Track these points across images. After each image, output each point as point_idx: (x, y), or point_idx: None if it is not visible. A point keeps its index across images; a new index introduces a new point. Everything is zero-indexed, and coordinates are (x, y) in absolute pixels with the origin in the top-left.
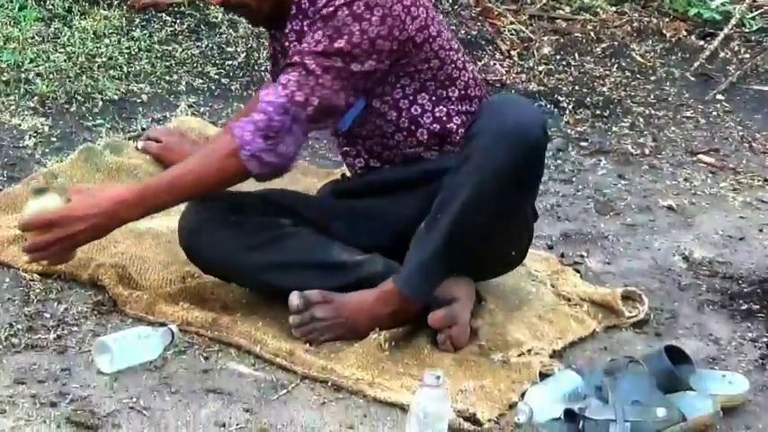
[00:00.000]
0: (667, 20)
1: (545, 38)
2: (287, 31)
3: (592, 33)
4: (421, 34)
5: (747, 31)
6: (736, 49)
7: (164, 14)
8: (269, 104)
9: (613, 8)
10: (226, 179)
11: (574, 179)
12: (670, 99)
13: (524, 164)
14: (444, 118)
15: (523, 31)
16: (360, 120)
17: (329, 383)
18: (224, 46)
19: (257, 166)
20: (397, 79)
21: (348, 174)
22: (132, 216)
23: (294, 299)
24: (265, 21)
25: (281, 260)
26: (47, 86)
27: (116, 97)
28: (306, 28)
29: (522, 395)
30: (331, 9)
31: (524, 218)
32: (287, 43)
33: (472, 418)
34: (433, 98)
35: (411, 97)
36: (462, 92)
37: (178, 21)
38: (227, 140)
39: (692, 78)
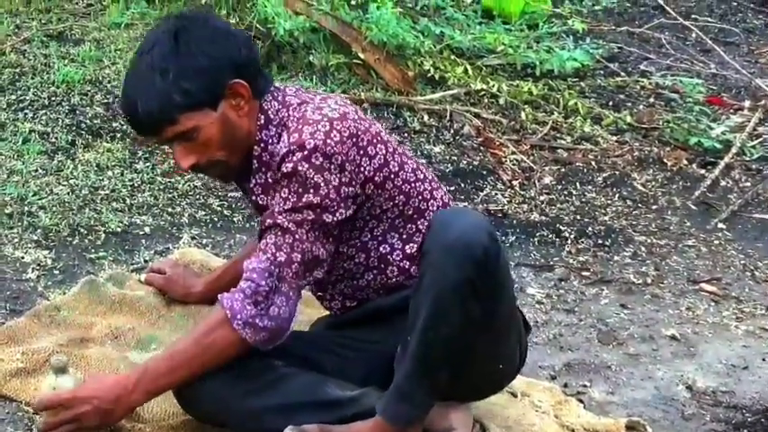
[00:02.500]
0: (668, 149)
1: (546, 167)
2: (251, 185)
3: (593, 163)
4: (381, 173)
5: (748, 159)
6: (737, 177)
7: (166, 147)
8: (253, 271)
9: (614, 138)
10: (224, 353)
11: (576, 309)
12: (671, 228)
13: (476, 275)
14: (415, 253)
15: (525, 161)
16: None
17: None
18: None
19: (252, 332)
20: (364, 223)
21: None
22: (137, 400)
23: None
24: (236, 175)
25: (278, 403)
26: (50, 219)
27: (119, 229)
28: (269, 179)
29: None
30: (291, 165)
31: (502, 328)
32: (253, 197)
33: None
34: (404, 236)
35: (380, 238)
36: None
37: None
38: (217, 314)
39: (694, 207)
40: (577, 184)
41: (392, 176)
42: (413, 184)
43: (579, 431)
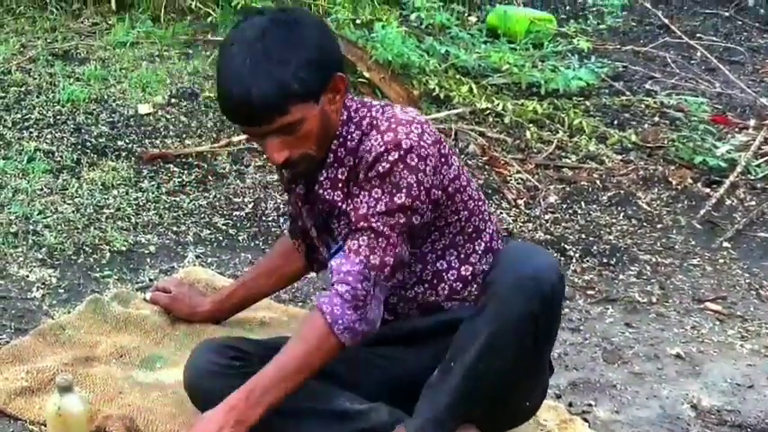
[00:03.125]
0: (673, 168)
1: (551, 186)
2: (321, 179)
3: (598, 182)
4: (454, 184)
5: (753, 178)
6: (742, 196)
7: (171, 165)
8: (348, 274)
9: (619, 157)
10: (327, 357)
11: (581, 328)
12: (676, 247)
13: (541, 313)
14: (469, 277)
15: (530, 180)
16: None
17: None
18: (231, 197)
19: (350, 337)
20: (428, 233)
21: None
22: (254, 416)
23: None
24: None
25: (288, 408)
26: (55, 238)
27: (124, 248)
28: (339, 176)
29: None
30: (387, 166)
31: (541, 370)
32: (321, 191)
33: None
34: (461, 255)
35: (439, 252)
36: (487, 244)
37: (186, 172)
38: (317, 319)
39: (699, 226)
40: (582, 203)
41: (461, 190)
42: (476, 203)
43: None
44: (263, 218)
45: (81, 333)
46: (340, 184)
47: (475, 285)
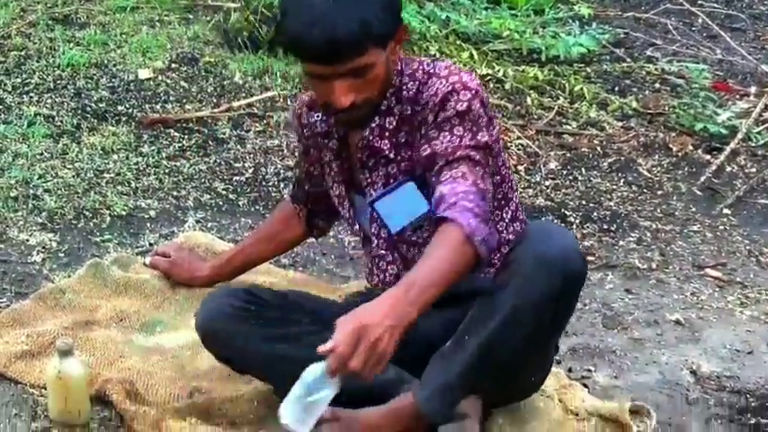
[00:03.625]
0: (674, 134)
1: (552, 153)
2: (373, 125)
3: (598, 148)
4: (496, 145)
5: (754, 145)
6: (743, 163)
7: (172, 130)
8: (467, 193)
9: (620, 123)
10: (466, 269)
11: (581, 293)
12: (677, 213)
13: (562, 294)
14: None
15: (530, 146)
16: (417, 225)
17: None
18: (232, 162)
19: (486, 250)
20: None
21: (368, 283)
22: (409, 317)
23: None
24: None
25: (299, 356)
26: (55, 202)
27: (124, 213)
28: (388, 125)
29: None
30: (465, 104)
31: (551, 348)
32: (370, 137)
33: None
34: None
35: None
36: (513, 213)
37: (186, 137)
38: (454, 231)
39: (699, 193)
40: (583, 169)
41: (499, 153)
42: (507, 170)
43: (583, 415)
44: (264, 183)
45: (81, 297)
46: (388, 133)
47: (498, 254)
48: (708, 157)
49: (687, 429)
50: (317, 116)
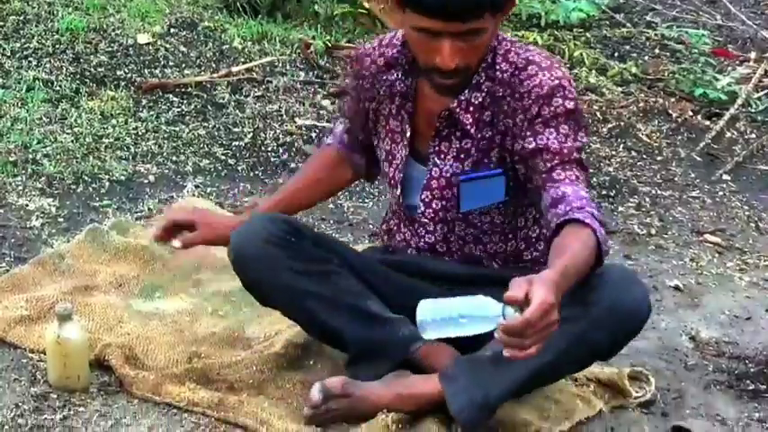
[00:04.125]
0: (673, 100)
1: None
2: (461, 98)
3: (598, 114)
4: None
5: (753, 111)
6: (742, 129)
7: (170, 95)
8: (588, 201)
9: (619, 89)
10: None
11: None
12: (676, 179)
13: (623, 341)
14: (533, 240)
15: None
16: (486, 210)
17: None
18: (231, 126)
19: (604, 254)
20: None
21: (383, 239)
22: (559, 296)
23: (316, 393)
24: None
25: (325, 293)
26: (54, 167)
27: (123, 178)
28: (474, 100)
29: None
30: (572, 104)
31: None
32: (458, 109)
33: None
34: (536, 216)
35: (522, 208)
36: None
37: (185, 101)
38: (591, 236)
39: (699, 158)
40: None
41: None
42: None
43: (582, 381)
44: (263, 148)
45: (80, 262)
46: (473, 108)
47: (534, 252)
48: (707, 122)
49: (686, 395)
50: (397, 75)
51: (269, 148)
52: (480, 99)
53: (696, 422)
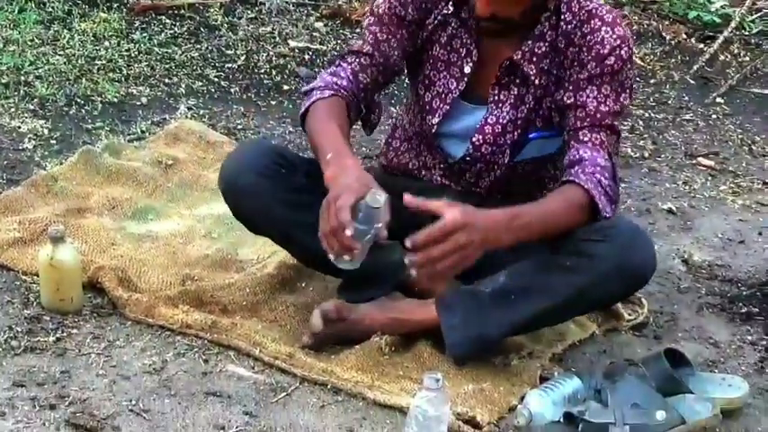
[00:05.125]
0: (667, 23)
1: None
2: (525, 48)
3: None
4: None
5: (747, 34)
6: (736, 52)
7: (163, 17)
8: (605, 169)
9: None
10: (571, 228)
11: None
12: (669, 102)
13: (627, 296)
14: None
15: None
16: (532, 161)
17: (329, 386)
18: (224, 49)
19: (601, 218)
20: None
21: (394, 161)
22: (502, 241)
23: (317, 321)
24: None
25: (311, 223)
26: (46, 89)
27: (115, 100)
28: (537, 50)
29: (522, 398)
30: (620, 63)
31: None
32: (522, 60)
33: (472, 422)
34: (558, 163)
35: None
36: None
37: (178, 23)
38: (583, 196)
39: (692, 81)
40: None
41: None
42: None
43: None
44: (256, 70)
45: (73, 184)
46: (536, 59)
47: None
48: (701, 45)
49: (678, 318)
50: (453, 10)
51: (262, 70)
52: (544, 49)
53: (688, 345)
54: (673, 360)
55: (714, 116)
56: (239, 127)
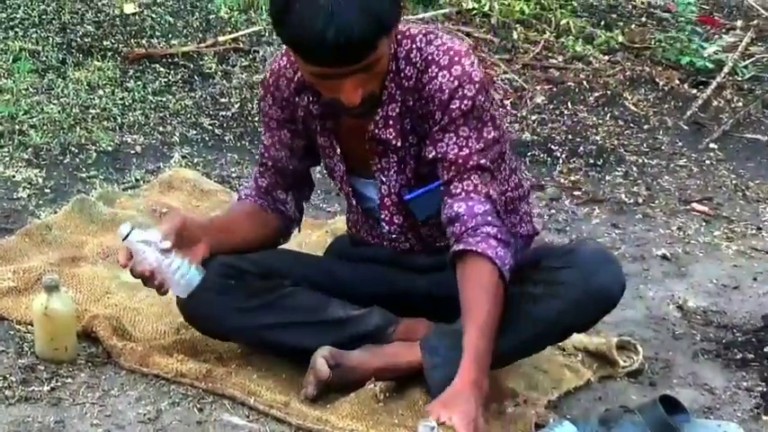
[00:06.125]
0: (660, 69)
1: (538, 87)
2: (377, 117)
3: (585, 82)
4: (504, 135)
5: (740, 79)
6: (729, 97)
7: (157, 65)
8: (485, 214)
9: (606, 57)
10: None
11: (567, 228)
12: (663, 148)
13: (600, 318)
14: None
15: (516, 81)
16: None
17: None
18: (217, 97)
19: (508, 273)
20: None
21: (354, 232)
22: (485, 388)
23: (324, 369)
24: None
25: (280, 320)
26: (41, 138)
27: (110, 148)
28: (391, 113)
29: None
30: (468, 103)
31: None
32: (376, 130)
33: None
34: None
35: None
36: (525, 195)
37: (172, 71)
38: (486, 266)
39: (685, 127)
40: (569, 103)
41: (505, 141)
42: (517, 161)
43: (570, 350)
44: (250, 118)
45: (67, 233)
46: (391, 122)
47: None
48: (694, 91)
49: (674, 364)
50: (309, 98)
51: (256, 119)
52: (396, 110)
53: (684, 391)
54: (668, 407)
55: (708, 161)
56: (234, 175)
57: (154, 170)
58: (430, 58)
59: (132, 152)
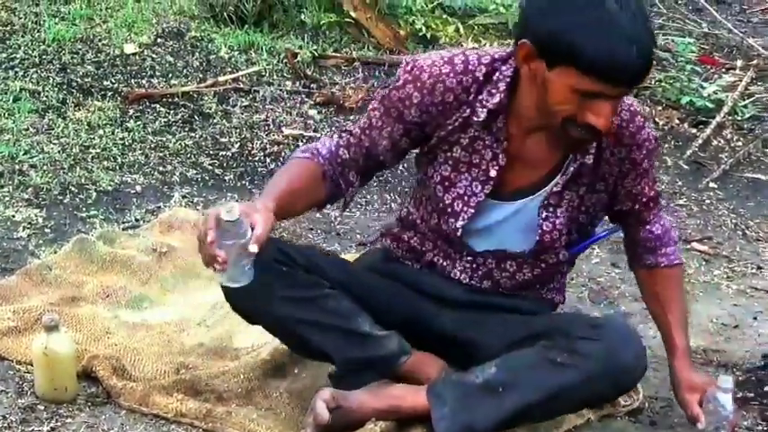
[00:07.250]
0: (660, 108)
1: None
2: (591, 150)
3: None
4: None
5: (740, 119)
6: (729, 136)
7: (157, 105)
8: (670, 228)
9: None
10: None
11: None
12: (663, 187)
13: (617, 396)
14: (559, 273)
15: None
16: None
17: None
18: (217, 136)
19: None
20: None
21: (395, 247)
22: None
23: (324, 413)
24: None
25: (316, 319)
26: (41, 178)
27: (110, 188)
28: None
29: None
30: (654, 143)
31: None
32: (576, 164)
33: None
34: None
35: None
36: None
37: (172, 111)
38: (680, 271)
39: (685, 166)
40: None
41: None
42: None
43: None
44: (250, 158)
45: (67, 273)
46: (589, 161)
47: (552, 283)
48: (694, 130)
49: (674, 404)
50: (482, 112)
51: (256, 158)
52: (593, 151)
53: (684, 431)
54: None
55: (707, 201)
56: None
57: (154, 210)
58: (633, 108)
59: (132, 192)
